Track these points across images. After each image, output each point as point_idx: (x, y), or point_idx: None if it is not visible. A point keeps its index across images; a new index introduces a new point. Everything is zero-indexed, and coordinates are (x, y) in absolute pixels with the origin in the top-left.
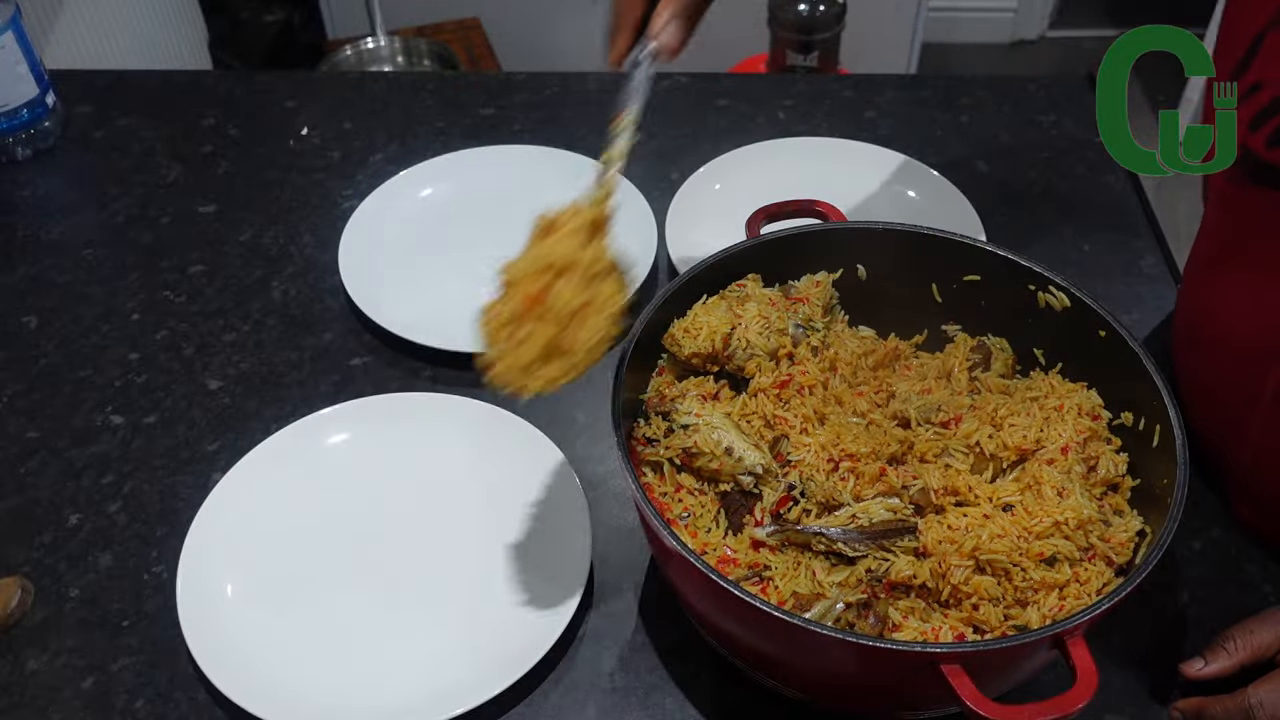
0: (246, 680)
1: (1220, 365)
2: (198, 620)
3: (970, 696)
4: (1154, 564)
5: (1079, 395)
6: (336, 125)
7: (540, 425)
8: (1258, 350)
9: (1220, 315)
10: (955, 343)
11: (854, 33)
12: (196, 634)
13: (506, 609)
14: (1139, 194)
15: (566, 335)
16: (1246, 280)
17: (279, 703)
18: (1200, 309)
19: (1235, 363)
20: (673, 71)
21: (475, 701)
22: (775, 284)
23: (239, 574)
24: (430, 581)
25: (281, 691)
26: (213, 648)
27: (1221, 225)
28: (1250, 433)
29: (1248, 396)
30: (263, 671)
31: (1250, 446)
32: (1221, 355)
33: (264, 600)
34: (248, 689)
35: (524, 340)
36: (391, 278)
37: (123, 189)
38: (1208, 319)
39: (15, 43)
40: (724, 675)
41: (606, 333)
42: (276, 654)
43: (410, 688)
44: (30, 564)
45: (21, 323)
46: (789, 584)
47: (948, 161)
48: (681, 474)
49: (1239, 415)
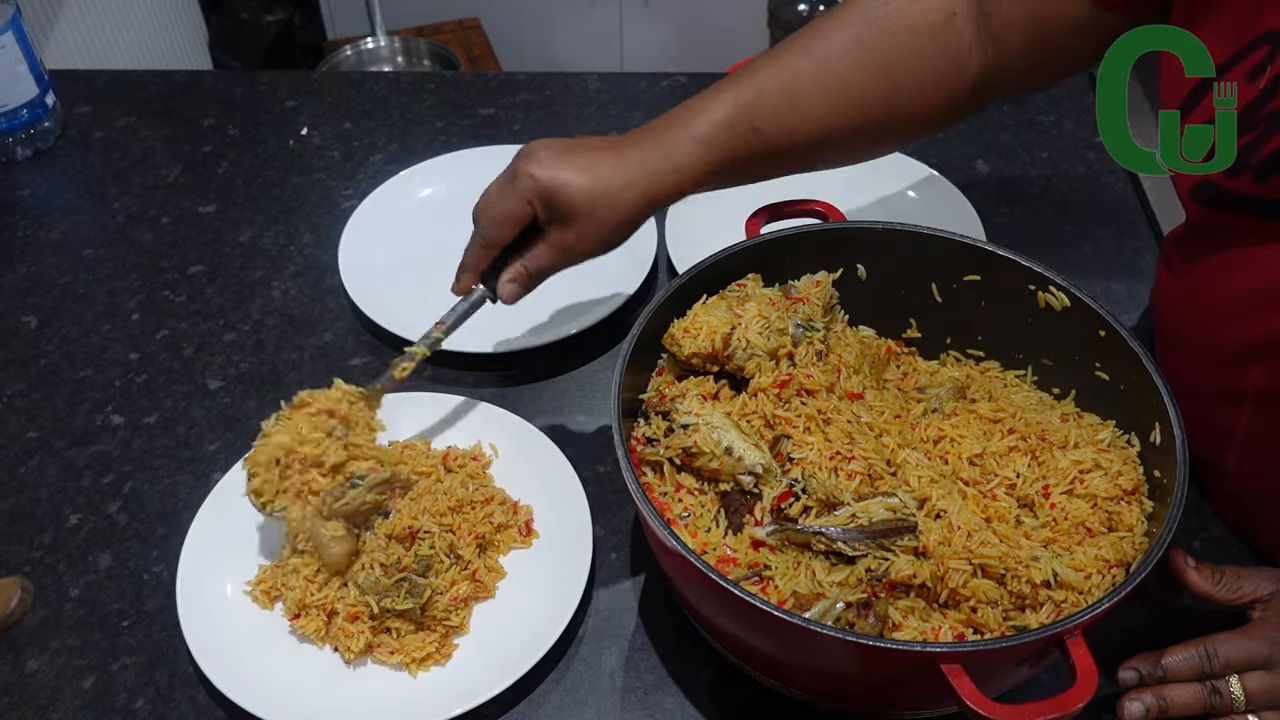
0: (245, 680)
1: (1199, 366)
2: (198, 620)
3: (970, 696)
4: (1154, 564)
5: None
6: (336, 125)
7: (541, 425)
8: (1232, 352)
9: (1193, 317)
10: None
11: None
12: (196, 634)
13: (506, 609)
14: (1139, 194)
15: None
16: (1216, 280)
17: (277, 703)
18: (1174, 310)
19: (1214, 365)
20: (673, 71)
21: (475, 702)
22: (775, 284)
23: (239, 574)
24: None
25: (280, 692)
26: (213, 647)
27: (1189, 233)
28: (1234, 433)
29: (1230, 397)
30: (261, 671)
31: (1234, 447)
32: (1200, 357)
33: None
34: (247, 688)
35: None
36: (391, 278)
37: (123, 189)
38: (1184, 320)
39: (15, 43)
40: (724, 674)
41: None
42: (276, 654)
43: (410, 688)
44: (30, 564)
45: (21, 323)
46: (789, 584)
47: (948, 161)
48: (681, 474)
49: (1221, 416)
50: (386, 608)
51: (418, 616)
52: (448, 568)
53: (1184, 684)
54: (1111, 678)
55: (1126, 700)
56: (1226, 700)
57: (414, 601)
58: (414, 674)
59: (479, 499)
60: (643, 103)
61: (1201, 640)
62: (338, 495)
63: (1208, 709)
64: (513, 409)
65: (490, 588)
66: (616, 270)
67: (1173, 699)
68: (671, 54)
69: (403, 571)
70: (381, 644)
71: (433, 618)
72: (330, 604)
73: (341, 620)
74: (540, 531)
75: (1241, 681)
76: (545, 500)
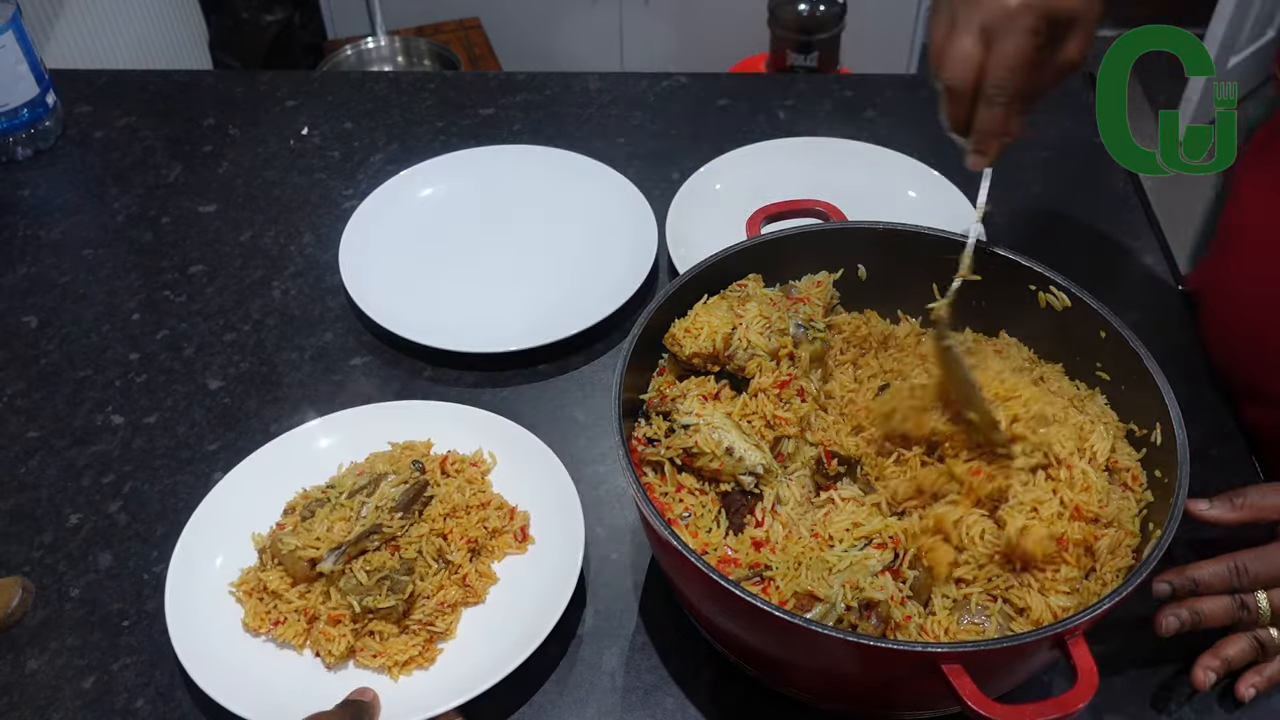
0: (228, 679)
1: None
2: (183, 620)
3: (971, 696)
4: (1154, 564)
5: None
6: (337, 125)
7: (541, 425)
8: None
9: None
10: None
11: (854, 33)
12: (181, 634)
13: (495, 613)
14: (1139, 194)
15: None
16: None
17: (256, 703)
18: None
19: None
20: (673, 71)
21: (454, 702)
22: (776, 284)
23: (228, 575)
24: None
25: (261, 692)
26: (197, 648)
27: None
28: None
29: None
30: (244, 671)
31: None
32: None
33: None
34: (228, 687)
35: None
36: (391, 278)
37: (123, 189)
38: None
39: (15, 42)
40: (724, 674)
41: None
42: (260, 655)
43: (390, 691)
44: (30, 564)
45: (22, 323)
46: (789, 584)
47: (948, 161)
48: (682, 474)
49: None
50: (368, 607)
51: (401, 618)
52: (435, 571)
53: (1215, 597)
54: (1112, 678)
55: (1162, 614)
56: (1254, 614)
57: (396, 599)
58: (395, 678)
59: (475, 504)
60: (643, 103)
61: (1231, 556)
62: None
63: (1236, 621)
64: (513, 409)
65: (480, 593)
66: (616, 270)
67: (1204, 611)
68: (671, 54)
69: (385, 572)
70: (364, 648)
71: (418, 621)
72: (312, 609)
73: (323, 624)
74: (536, 538)
75: (1270, 597)
76: (543, 507)
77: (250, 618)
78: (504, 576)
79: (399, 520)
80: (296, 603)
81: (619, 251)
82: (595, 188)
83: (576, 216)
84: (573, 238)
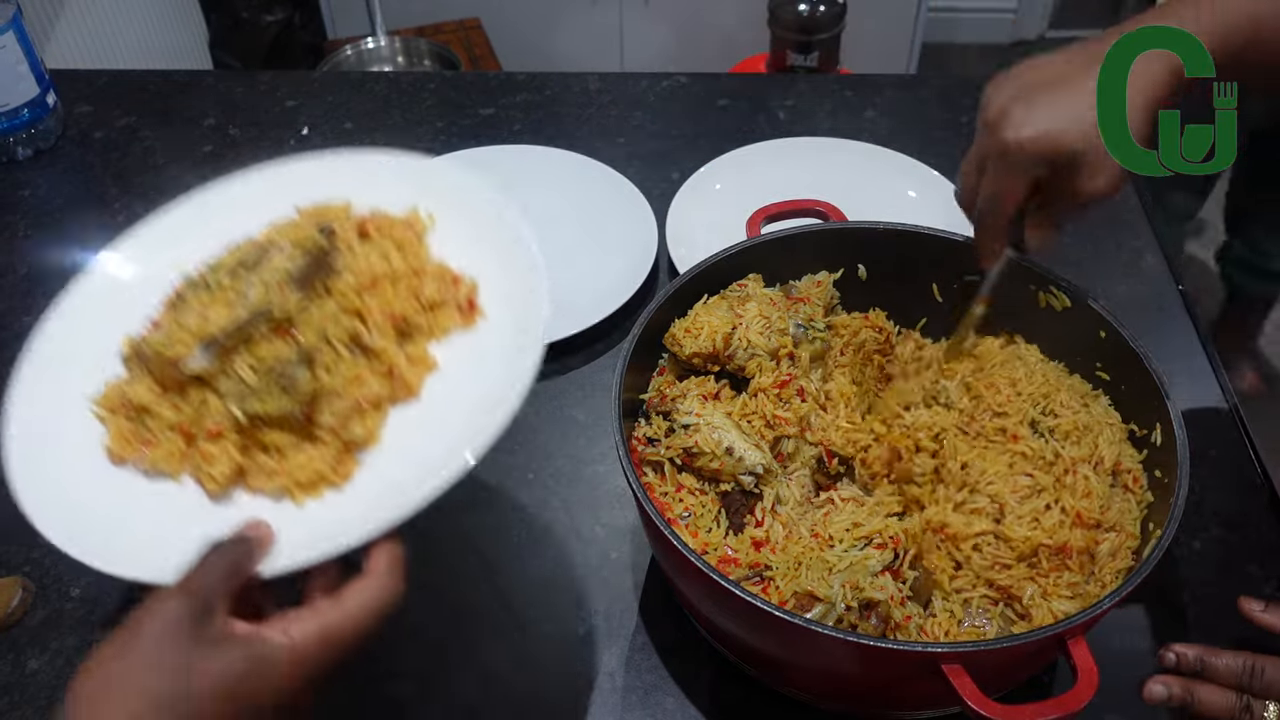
0: (89, 527)
1: None
2: (28, 459)
3: (972, 696)
4: (1154, 564)
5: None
6: (337, 125)
7: (541, 426)
8: None
9: None
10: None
11: (854, 33)
12: (26, 477)
13: (432, 408)
14: (1139, 194)
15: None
16: None
17: (123, 552)
18: None
19: None
20: (673, 71)
21: (374, 528)
22: (776, 284)
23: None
24: None
25: (131, 539)
26: (47, 491)
27: None
28: None
29: None
30: (109, 515)
31: None
32: None
33: None
34: (88, 537)
35: None
36: None
37: (123, 189)
38: None
39: (16, 43)
40: (724, 675)
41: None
42: (127, 492)
43: (293, 519)
44: (30, 564)
45: (22, 322)
46: (789, 584)
47: (948, 161)
48: (682, 474)
49: None
50: (254, 412)
51: (303, 424)
52: (348, 361)
53: (1219, 688)
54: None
55: (1153, 681)
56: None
57: (291, 401)
58: (299, 501)
59: (403, 272)
60: (643, 103)
61: (1254, 655)
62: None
63: None
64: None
65: (414, 385)
66: (616, 270)
67: (1201, 699)
68: (671, 54)
69: (277, 366)
70: (256, 467)
71: (326, 428)
72: (189, 423)
73: (203, 441)
74: (488, 312)
75: (1279, 711)
76: (495, 273)
77: (115, 441)
78: (448, 363)
79: (295, 299)
80: (168, 416)
81: (619, 251)
82: (595, 188)
83: (576, 216)
84: (572, 238)
